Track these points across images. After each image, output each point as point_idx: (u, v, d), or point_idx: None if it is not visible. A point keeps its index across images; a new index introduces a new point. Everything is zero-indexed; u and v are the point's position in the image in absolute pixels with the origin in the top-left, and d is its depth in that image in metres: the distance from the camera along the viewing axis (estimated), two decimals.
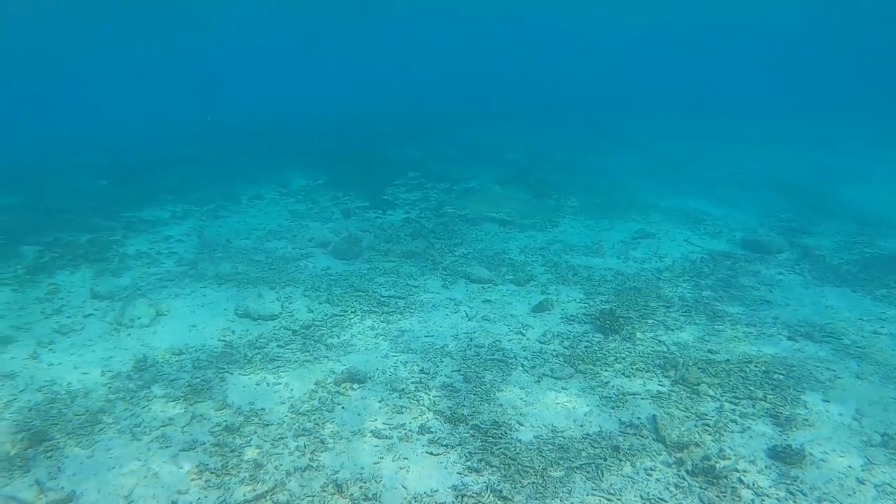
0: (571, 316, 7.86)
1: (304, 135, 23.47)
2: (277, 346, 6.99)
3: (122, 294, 8.42)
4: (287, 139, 22.48)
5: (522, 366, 6.60)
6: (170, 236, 11.32)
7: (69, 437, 5.01)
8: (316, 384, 6.12)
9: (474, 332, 7.38)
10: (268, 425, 5.46)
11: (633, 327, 7.42)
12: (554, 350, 6.97)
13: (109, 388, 5.90)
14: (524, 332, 7.43)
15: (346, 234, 10.94)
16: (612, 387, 6.11)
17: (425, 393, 6.02)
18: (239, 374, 6.37)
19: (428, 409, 5.74)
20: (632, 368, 6.46)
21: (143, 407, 5.57)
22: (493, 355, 6.83)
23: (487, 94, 33.35)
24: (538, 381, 6.30)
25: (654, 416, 5.48)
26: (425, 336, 7.32)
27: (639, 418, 5.51)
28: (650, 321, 7.63)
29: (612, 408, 5.71)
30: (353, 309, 8.03)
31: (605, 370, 6.47)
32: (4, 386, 5.90)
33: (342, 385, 6.06)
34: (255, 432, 5.27)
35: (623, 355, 6.74)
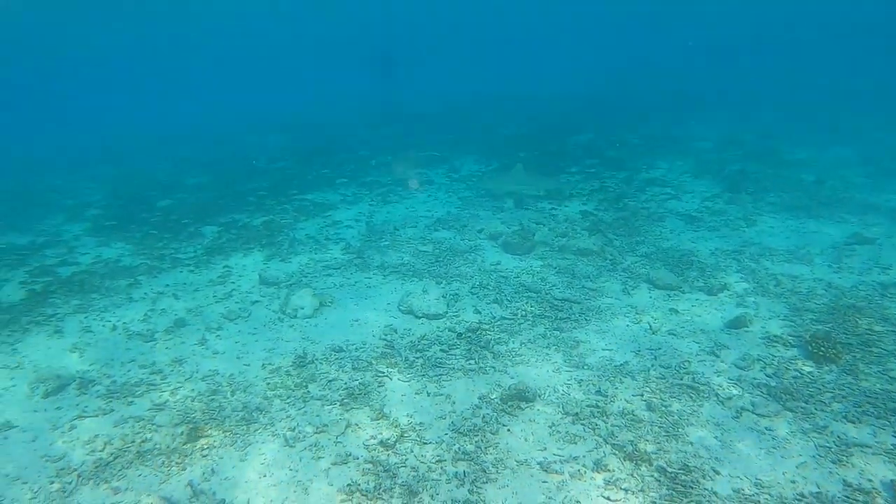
0: (774, 336, 8.28)
1: (478, 116, 28.98)
2: (441, 350, 8.27)
3: (288, 281, 10.76)
4: (461, 121, 28.08)
5: (717, 395, 7.04)
6: (339, 221, 14.32)
7: (226, 435, 6.53)
8: (480, 399, 7.10)
9: (659, 349, 8.13)
10: (426, 444, 6.36)
11: (854, 356, 7.62)
12: (755, 378, 7.34)
13: (268, 383, 7.55)
14: (718, 352, 7.98)
15: (518, 226, 12.86)
16: (832, 434, 6.24)
17: (602, 420, 6.66)
18: (399, 379, 7.58)
19: (605, 440, 6.33)
20: (857, 411, 6.57)
21: (300, 409, 6.99)
22: (681, 379, 7.39)
23: (676, 78, 39.13)
24: (737, 417, 6.64)
25: (893, 481, 5.49)
26: (603, 349, 8.18)
27: (870, 481, 5.60)
28: (876, 350, 7.76)
29: (833, 462, 5.86)
30: (523, 312, 9.28)
31: (822, 410, 6.64)
32: (174, 372, 7.97)
33: (509, 403, 6.94)
34: (412, 451, 6.24)
35: (844, 393, 6.93)
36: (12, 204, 19.11)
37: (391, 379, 7.69)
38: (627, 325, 8.86)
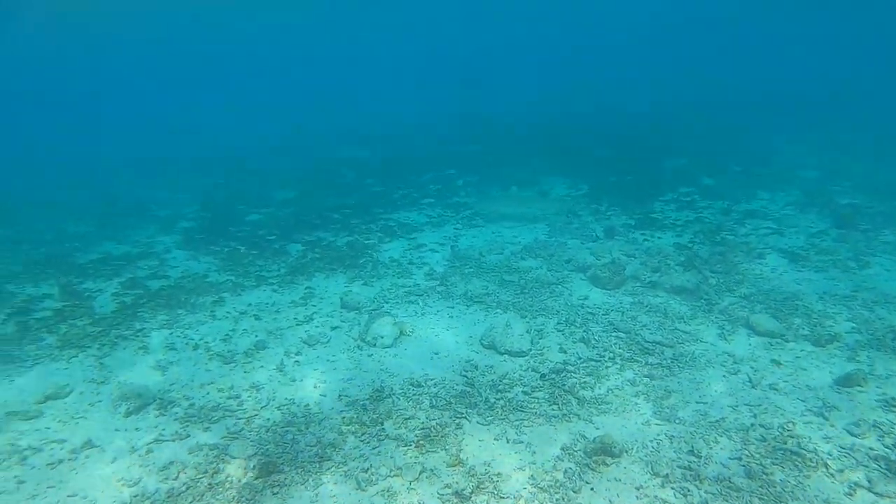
0: (893, 400, 7.51)
1: (567, 135, 28.43)
2: (523, 391, 7.99)
3: (369, 306, 10.72)
4: (550, 140, 27.52)
5: (826, 466, 6.40)
6: (423, 244, 14.23)
7: (298, 472, 6.45)
8: (562, 450, 6.78)
9: (759, 405, 7.55)
10: (503, 498, 6.07)
11: None
12: (871, 449, 6.65)
13: (343, 417, 7.45)
14: (827, 414, 7.31)
15: (609, 258, 12.44)
16: None
17: (695, 485, 6.18)
18: (477, 422, 7.33)
19: None
20: None
21: (374, 448, 6.84)
22: (784, 443, 6.78)
23: (783, 94, 36.66)
24: (850, 495, 6.00)
25: None
26: (696, 402, 7.66)
27: None
28: None
29: None
30: (611, 354, 8.86)
31: None
32: (250, 398, 7.99)
33: (593, 457, 6.59)
34: None
35: None
36: (111, 212, 20.06)
37: (470, 421, 7.46)
38: (724, 376, 8.33)
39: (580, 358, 8.85)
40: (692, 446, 6.80)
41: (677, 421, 7.30)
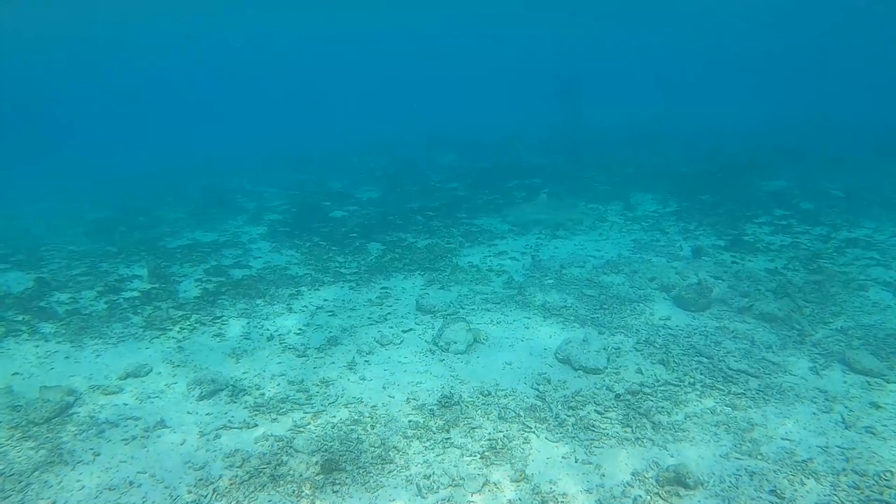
0: None
1: (658, 150, 27.87)
2: (595, 410, 7.69)
3: (445, 310, 10.66)
4: (640, 154, 27.04)
5: None
6: (504, 252, 14.10)
7: (359, 473, 6.41)
8: (633, 476, 6.46)
9: (853, 449, 6.92)
10: None
11: None
12: None
13: (410, 421, 7.39)
14: None
15: (695, 279, 11.81)
16: None
17: None
18: (546, 438, 7.10)
19: None
20: None
21: (438, 455, 6.74)
22: (880, 494, 6.16)
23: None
24: None
25: None
26: (782, 438, 7.11)
27: None
28: None
29: None
30: (691, 379, 8.43)
31: None
32: (319, 394, 8.05)
33: (666, 487, 6.23)
34: None
35: None
36: (205, 202, 20.87)
37: (538, 436, 7.24)
38: (814, 413, 7.74)
39: (658, 380, 8.49)
40: (775, 486, 6.34)
41: (760, 457, 6.83)
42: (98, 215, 20.71)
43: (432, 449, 6.99)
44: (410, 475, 6.52)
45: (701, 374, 8.63)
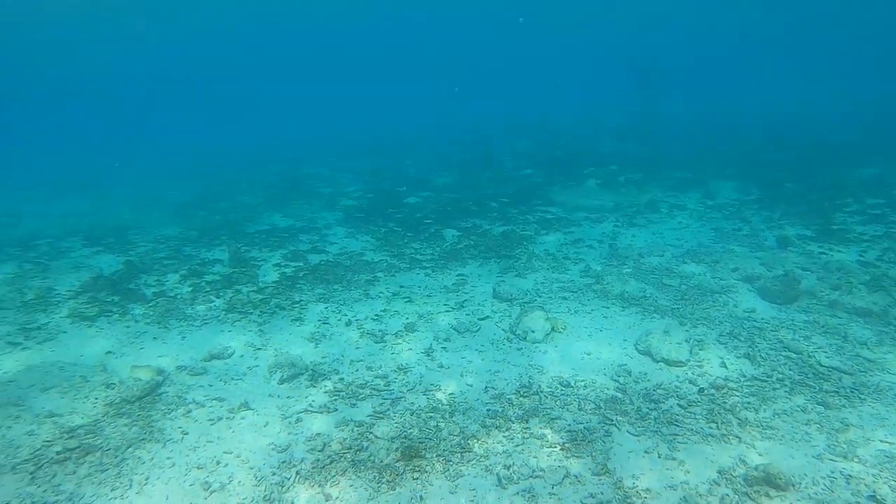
0: None
1: (740, 137, 26.78)
2: (678, 404, 7.48)
3: (522, 298, 10.58)
4: (721, 141, 26.19)
5: None
6: (580, 239, 13.89)
7: (438, 461, 6.43)
8: (719, 474, 6.24)
9: None
10: None
11: None
12: None
13: (488, 410, 7.35)
14: None
15: (781, 270, 11.41)
16: None
17: None
18: (628, 431, 6.95)
19: None
20: None
21: (518, 444, 6.68)
22: None
23: None
24: None
25: None
26: (881, 441, 6.71)
27: None
28: None
29: None
30: (779, 375, 8.07)
31: None
32: (397, 380, 8.10)
33: (755, 487, 5.99)
34: None
35: None
36: (282, 188, 21.32)
37: (619, 429, 7.08)
38: None
39: (743, 375, 8.18)
40: (874, 491, 6.01)
41: (857, 459, 6.49)
42: (181, 199, 21.48)
43: (511, 439, 6.93)
44: (490, 465, 6.49)
45: (790, 369, 8.27)
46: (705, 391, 7.80)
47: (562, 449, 6.72)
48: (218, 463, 6.63)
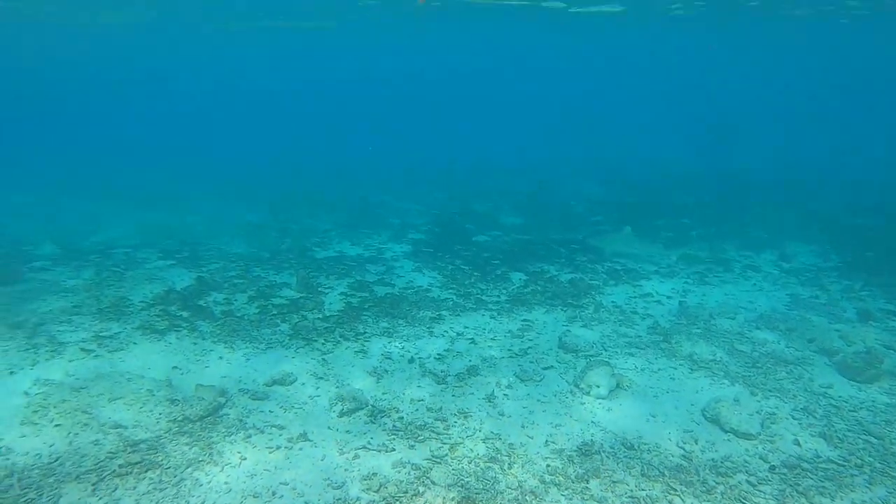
0: None
1: (824, 196, 26.13)
2: (748, 481, 7.09)
3: (587, 350, 10.37)
4: (801, 198, 25.56)
5: None
6: (650, 294, 13.60)
7: None
8: None
9: None
10: None
11: None
12: None
13: (548, 466, 7.18)
14: None
15: (862, 346, 10.83)
16: None
17: None
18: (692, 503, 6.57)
19: None
20: None
21: None
22: None
23: None
24: None
25: None
26: None
27: None
28: None
29: None
30: (858, 461, 7.57)
31: None
32: (457, 424, 8.01)
33: None
34: None
35: None
36: (350, 215, 21.65)
37: (684, 501, 6.79)
38: None
39: (818, 456, 7.75)
40: None
41: None
42: (252, 219, 22.02)
43: (570, 499, 6.74)
44: None
45: (870, 455, 7.76)
46: (777, 469, 7.42)
47: None
48: (273, 493, 6.65)
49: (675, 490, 6.96)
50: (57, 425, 7.77)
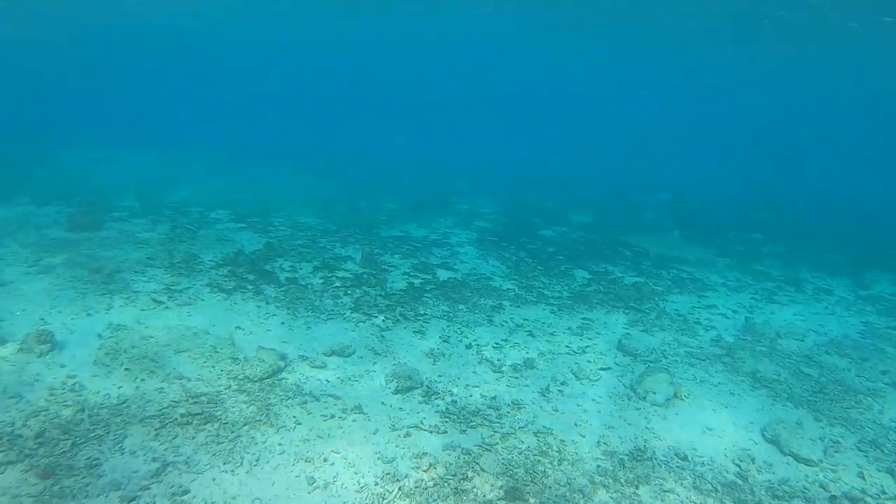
0: None
1: None
2: None
3: (647, 356, 10.19)
4: (881, 224, 24.76)
5: None
6: (714, 306, 13.24)
7: None
8: None
9: None
10: None
11: None
12: None
13: (599, 466, 7.10)
14: None
15: None
16: None
17: None
18: None
19: None
20: None
21: None
22: None
23: None
24: None
25: None
26: None
27: None
28: None
29: None
30: None
31: None
32: (509, 414, 7.99)
33: None
34: None
35: None
36: (420, 197, 21.76)
37: None
38: None
39: (884, 492, 7.42)
40: None
41: None
42: (324, 192, 22.38)
43: (619, 502, 6.64)
44: None
45: None
46: (838, 500, 7.15)
47: None
48: (325, 460, 6.76)
49: None
50: (126, 369, 8.07)
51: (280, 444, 6.94)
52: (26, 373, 7.75)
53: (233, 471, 6.38)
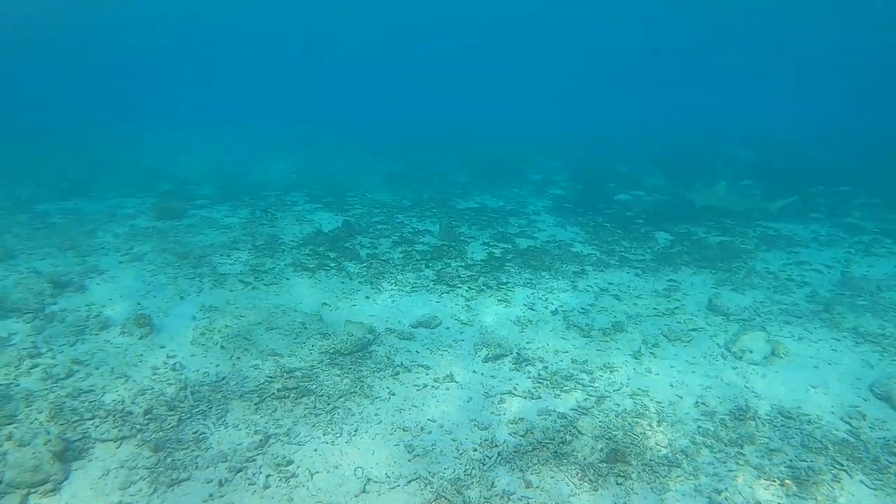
0: None
1: None
2: None
3: (739, 315, 9.89)
4: None
5: None
6: (806, 262, 12.70)
7: (644, 471, 6.16)
8: None
9: None
10: None
11: None
12: None
13: (699, 427, 6.95)
14: None
15: None
16: None
17: None
18: (861, 481, 6.23)
19: None
20: None
21: (731, 470, 6.23)
22: None
23: None
24: None
25: None
26: None
27: None
28: None
29: None
30: None
31: None
32: (602, 378, 7.91)
33: None
34: None
35: None
36: (494, 168, 21.67)
37: (851, 476, 6.34)
38: None
39: None
40: None
41: None
42: (394, 169, 22.50)
43: (724, 462, 6.46)
44: (700, 485, 6.11)
45: None
46: None
47: (782, 485, 6.15)
48: (422, 429, 6.81)
49: (842, 464, 6.53)
50: (222, 347, 8.31)
51: (377, 415, 7.03)
52: (130, 354, 8.07)
53: (333, 441, 6.50)
